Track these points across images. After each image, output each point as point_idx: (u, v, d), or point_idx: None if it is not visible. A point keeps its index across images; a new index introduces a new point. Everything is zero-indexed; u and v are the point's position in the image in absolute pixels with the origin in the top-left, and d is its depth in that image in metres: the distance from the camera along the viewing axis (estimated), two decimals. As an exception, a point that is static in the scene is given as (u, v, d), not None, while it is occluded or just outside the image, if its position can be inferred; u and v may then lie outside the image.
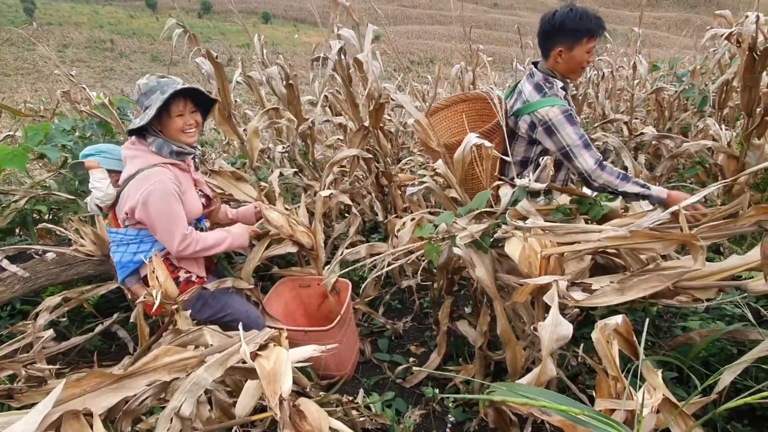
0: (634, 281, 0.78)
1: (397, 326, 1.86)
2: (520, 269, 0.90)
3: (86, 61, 31.52)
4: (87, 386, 0.63)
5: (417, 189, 1.30)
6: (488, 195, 1.04)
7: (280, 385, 0.63)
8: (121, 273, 1.29)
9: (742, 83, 1.53)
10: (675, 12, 63.74)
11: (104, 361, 1.67)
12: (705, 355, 1.19)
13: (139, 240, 1.25)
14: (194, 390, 0.65)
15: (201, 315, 1.33)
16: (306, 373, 1.40)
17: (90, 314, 1.80)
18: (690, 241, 0.72)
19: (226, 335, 0.81)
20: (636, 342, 0.72)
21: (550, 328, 0.77)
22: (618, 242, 0.78)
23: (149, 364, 0.68)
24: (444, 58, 27.02)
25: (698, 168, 2.33)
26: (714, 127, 1.86)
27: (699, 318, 1.38)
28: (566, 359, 1.31)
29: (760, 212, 0.70)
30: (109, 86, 21.70)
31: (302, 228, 1.59)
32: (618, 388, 0.69)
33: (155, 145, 1.21)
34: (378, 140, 1.90)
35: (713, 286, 0.79)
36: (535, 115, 1.26)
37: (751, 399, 0.42)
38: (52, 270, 1.57)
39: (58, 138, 1.99)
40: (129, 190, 1.21)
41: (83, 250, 1.57)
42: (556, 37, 1.23)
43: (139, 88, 1.21)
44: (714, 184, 0.82)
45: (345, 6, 1.68)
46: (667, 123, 2.66)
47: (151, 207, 1.17)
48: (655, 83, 2.49)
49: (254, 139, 1.91)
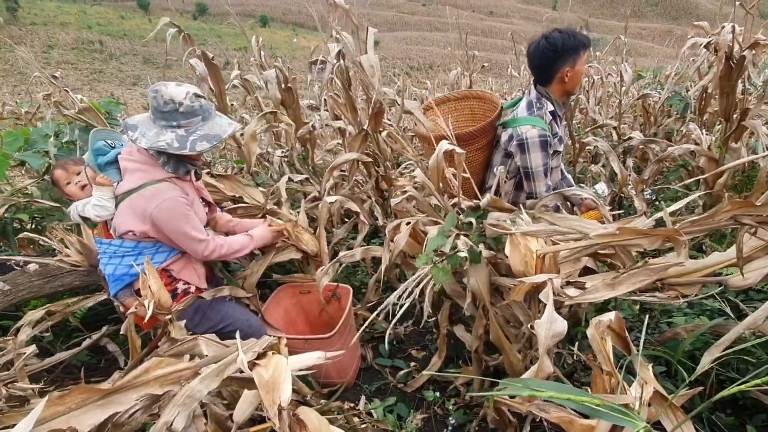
0: (624, 276, 0.83)
1: (398, 331, 1.87)
2: (516, 269, 0.94)
3: (73, 63, 30.66)
4: (72, 403, 0.59)
5: (399, 199, 1.34)
6: (454, 215, 1.09)
7: (279, 395, 0.62)
8: (114, 286, 1.23)
9: (719, 90, 1.62)
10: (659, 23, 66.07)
11: (93, 377, 1.59)
12: (691, 349, 1.25)
13: (137, 252, 1.20)
14: (188, 403, 0.62)
15: (200, 328, 1.28)
16: (307, 381, 1.39)
17: (76, 328, 1.72)
18: (673, 236, 0.77)
19: (222, 344, 0.78)
20: (628, 338, 0.77)
21: (546, 325, 0.80)
22: (608, 239, 0.83)
23: (140, 378, 0.65)
24: (443, 64, 27.29)
25: (682, 170, 2.44)
26: (695, 131, 1.95)
27: (683, 314, 1.44)
28: (562, 357, 1.35)
29: (735, 207, 0.75)
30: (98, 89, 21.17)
31: (308, 236, 1.58)
32: (612, 383, 0.73)
33: (171, 165, 1.17)
34: (378, 144, 1.93)
35: (696, 282, 0.85)
36: (516, 129, 1.32)
37: (738, 389, 0.45)
38: (34, 282, 1.49)
39: (40, 143, 1.91)
40: (133, 207, 1.15)
41: (69, 260, 1.49)
42: (560, 60, 1.27)
43: (174, 101, 1.09)
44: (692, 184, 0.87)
45: (345, 9, 1.71)
46: (652, 128, 2.78)
47: (166, 225, 1.14)
48: (641, 90, 2.61)
49: (252, 143, 1.91)
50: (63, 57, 31.44)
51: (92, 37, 37.21)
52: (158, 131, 1.12)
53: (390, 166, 2.09)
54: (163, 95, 1.10)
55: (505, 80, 6.51)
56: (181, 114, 1.11)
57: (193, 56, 1.83)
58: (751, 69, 1.46)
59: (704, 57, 1.76)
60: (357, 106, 1.94)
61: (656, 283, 0.84)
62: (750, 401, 1.17)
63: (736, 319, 1.14)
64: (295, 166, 2.34)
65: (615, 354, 0.76)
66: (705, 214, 0.78)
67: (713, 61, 1.53)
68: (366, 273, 2.27)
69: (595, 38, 27.41)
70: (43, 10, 45.42)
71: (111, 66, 31.85)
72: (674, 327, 1.29)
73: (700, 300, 1.34)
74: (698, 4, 74.97)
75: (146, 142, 1.11)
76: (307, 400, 1.21)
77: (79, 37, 36.74)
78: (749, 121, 1.59)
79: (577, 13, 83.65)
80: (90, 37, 37.11)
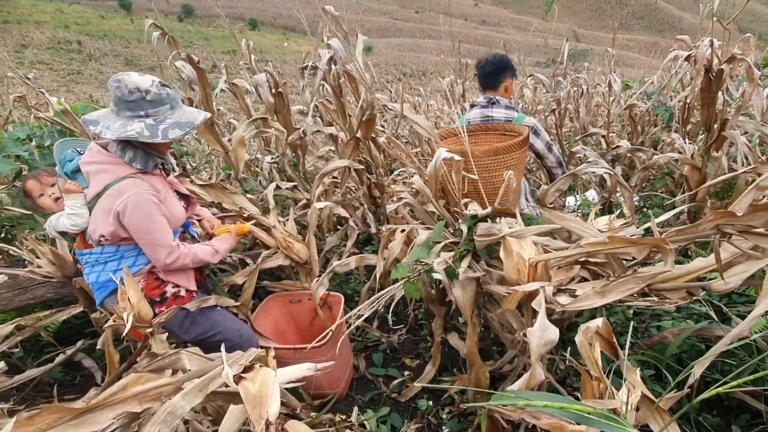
0: (613, 284, 0.84)
1: (392, 339, 1.85)
2: (509, 277, 0.95)
3: (48, 63, 29.49)
4: (42, 423, 0.56)
5: (395, 205, 1.35)
6: (443, 225, 1.10)
7: (267, 409, 0.60)
8: (99, 294, 1.19)
9: (700, 102, 1.68)
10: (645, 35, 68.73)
11: (67, 394, 1.52)
12: (678, 352, 1.27)
13: (119, 256, 1.16)
14: (169, 420, 0.60)
15: (189, 334, 1.25)
16: (297, 393, 1.36)
17: (49, 343, 1.63)
18: (661, 245, 0.79)
19: (207, 358, 0.75)
20: (616, 343, 0.78)
21: (538, 333, 0.81)
22: (598, 248, 0.84)
23: (117, 395, 0.62)
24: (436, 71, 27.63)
25: (667, 178, 2.53)
26: (679, 141, 2.03)
27: (671, 318, 1.48)
28: (555, 363, 1.36)
29: (718, 216, 0.78)
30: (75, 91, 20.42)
31: (297, 243, 1.56)
32: (601, 388, 0.73)
33: (137, 159, 1.11)
34: (370, 151, 1.92)
35: (682, 287, 0.87)
36: (524, 124, 1.61)
37: (722, 389, 0.47)
38: (3, 295, 1.42)
39: (12, 148, 1.81)
40: (100, 210, 1.09)
41: (40, 271, 1.42)
42: (506, 72, 1.68)
43: (139, 89, 1.05)
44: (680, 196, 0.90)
45: (334, 16, 1.71)
46: (639, 137, 2.87)
47: (129, 222, 1.08)
48: (629, 100, 2.70)
49: (240, 149, 1.88)
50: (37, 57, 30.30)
51: (70, 37, 36.05)
52: (124, 122, 1.06)
53: (383, 173, 2.09)
54: (128, 84, 1.05)
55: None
56: (148, 102, 1.07)
57: (178, 59, 1.79)
58: (729, 82, 1.53)
59: (686, 69, 1.84)
60: (349, 113, 1.94)
61: (644, 289, 0.86)
62: (735, 402, 1.20)
63: (719, 322, 1.17)
64: (285, 172, 2.31)
65: (606, 359, 0.77)
66: (690, 225, 0.80)
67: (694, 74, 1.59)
68: (359, 281, 2.25)
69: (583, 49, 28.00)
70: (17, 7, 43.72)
71: (90, 67, 30.89)
72: (662, 331, 1.32)
73: (687, 304, 1.38)
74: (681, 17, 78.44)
75: (112, 133, 1.05)
76: (297, 413, 1.18)
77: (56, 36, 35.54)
78: (729, 131, 1.66)
79: (566, 24, 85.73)
80: (67, 37, 35.94)
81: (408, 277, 1.02)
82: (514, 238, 0.96)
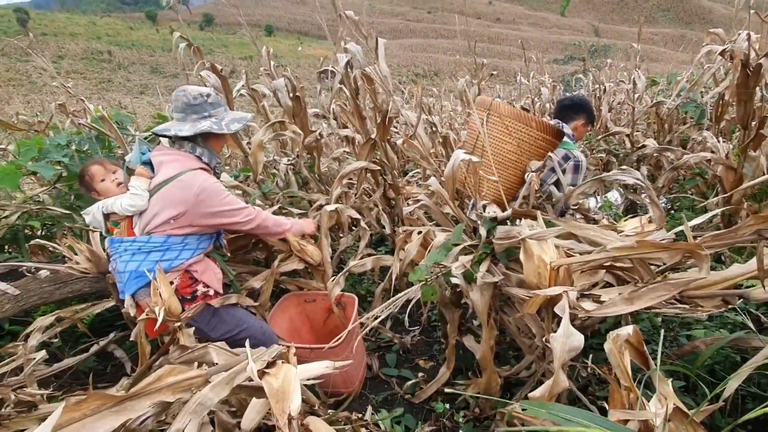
0: (642, 291, 0.80)
1: (405, 340, 1.84)
2: (529, 281, 0.93)
3: (82, 73, 31.37)
4: (87, 410, 0.60)
5: (412, 207, 1.34)
6: (462, 228, 1.08)
7: (289, 404, 0.62)
8: (135, 283, 1.23)
9: (736, 98, 1.58)
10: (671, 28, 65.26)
11: (99, 383, 1.58)
12: (710, 363, 1.20)
13: (166, 248, 1.22)
14: (199, 410, 0.63)
15: (216, 332, 1.30)
16: (313, 391, 1.38)
17: (84, 334, 1.72)
18: (695, 250, 0.75)
19: (232, 353, 0.79)
20: (646, 352, 0.74)
21: (562, 339, 0.78)
22: (626, 252, 0.81)
23: (153, 385, 0.65)
24: (449, 71, 27.35)
25: (698, 179, 2.39)
26: (711, 139, 1.91)
27: (703, 327, 1.39)
28: (576, 370, 1.32)
29: (759, 221, 0.73)
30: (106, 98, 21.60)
31: (312, 247, 1.59)
32: (631, 399, 0.70)
33: (205, 155, 1.30)
34: (386, 153, 1.93)
35: (718, 295, 0.82)
36: (570, 152, 1.59)
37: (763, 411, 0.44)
38: (45, 288, 1.50)
39: (53, 153, 1.92)
40: (169, 194, 1.21)
41: (78, 267, 1.51)
42: (582, 113, 1.69)
43: (202, 95, 1.27)
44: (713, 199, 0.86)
45: (354, 20, 1.73)
46: (667, 136, 2.72)
47: (211, 202, 1.24)
48: (655, 97, 2.57)
49: (259, 153, 1.92)
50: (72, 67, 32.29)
51: (101, 48, 38.01)
52: (193, 123, 1.27)
53: (397, 175, 2.09)
54: (191, 92, 1.28)
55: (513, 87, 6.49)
56: (210, 104, 1.29)
57: (203, 68, 1.87)
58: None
59: (719, 64, 1.74)
60: (365, 115, 1.95)
61: (675, 296, 0.82)
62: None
63: (757, 333, 1.09)
64: (301, 174, 2.36)
65: (633, 367, 0.73)
66: (728, 229, 0.76)
67: (729, 68, 1.50)
68: (372, 281, 2.25)
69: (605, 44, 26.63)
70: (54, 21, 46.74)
71: (119, 75, 32.59)
72: (693, 340, 1.25)
73: (721, 312, 1.30)
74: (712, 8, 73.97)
75: (187, 131, 1.25)
76: (315, 409, 1.20)
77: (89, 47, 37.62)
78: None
79: (586, 19, 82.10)
80: (99, 48, 37.92)
81: (426, 279, 1.02)
82: (534, 240, 0.93)
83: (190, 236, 1.26)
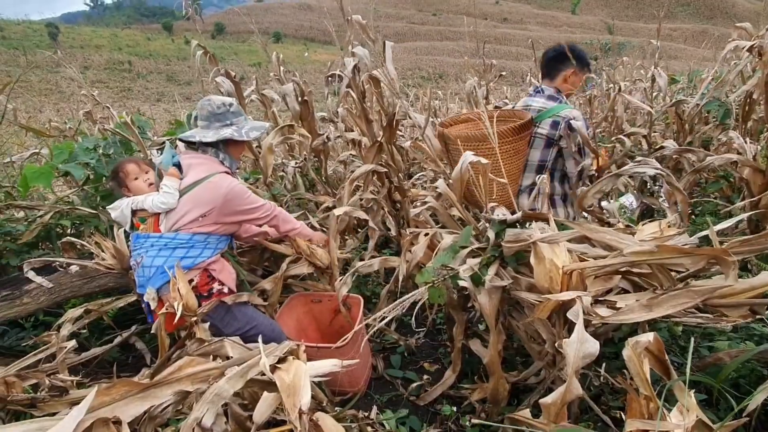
0: (663, 297, 0.76)
1: (410, 342, 1.83)
2: (540, 285, 0.89)
3: (106, 82, 32.88)
4: (116, 395, 0.65)
5: (419, 209, 1.33)
6: (470, 230, 1.06)
7: (300, 399, 0.63)
8: (160, 279, 1.27)
9: (765, 96, 1.50)
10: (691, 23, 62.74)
11: (122, 372, 1.68)
12: (735, 377, 1.13)
13: (190, 245, 1.29)
14: (216, 401, 0.66)
15: (229, 328, 1.35)
16: (320, 389, 1.37)
17: (108, 326, 1.83)
18: (722, 256, 0.70)
19: (246, 347, 0.82)
20: (667, 361, 0.70)
21: (576, 345, 0.75)
22: (644, 257, 0.77)
23: (174, 374, 0.70)
24: (454, 73, 27.20)
25: (722, 182, 2.25)
26: (738, 140, 1.80)
27: (727, 338, 1.32)
28: (588, 379, 1.27)
29: None
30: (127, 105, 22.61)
31: (321, 251, 1.62)
32: (651, 409, 0.66)
33: (227, 160, 1.41)
34: (392, 155, 1.93)
35: (745, 304, 0.77)
36: (557, 115, 1.43)
37: None
38: (75, 282, 1.62)
39: (82, 156, 2.07)
40: (198, 195, 1.30)
41: (104, 263, 1.62)
42: (568, 60, 1.45)
43: (225, 104, 1.37)
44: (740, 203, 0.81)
45: (362, 24, 1.74)
46: (687, 136, 2.60)
47: (238, 202, 1.35)
48: (674, 96, 2.45)
49: (269, 156, 1.96)
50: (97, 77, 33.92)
51: (122, 58, 39.76)
52: (216, 131, 1.36)
53: (402, 177, 2.08)
54: (215, 101, 1.38)
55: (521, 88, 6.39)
56: (232, 113, 1.39)
57: (217, 75, 1.93)
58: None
59: (746, 60, 1.65)
60: (371, 118, 1.96)
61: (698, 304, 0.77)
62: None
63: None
64: (308, 176, 2.38)
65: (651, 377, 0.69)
66: (758, 235, 0.71)
67: (757, 65, 1.42)
68: (377, 283, 2.24)
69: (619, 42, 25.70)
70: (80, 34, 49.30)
71: (138, 84, 34.02)
72: (716, 352, 1.18)
73: (747, 323, 1.22)
74: (735, 2, 70.89)
75: (210, 138, 1.34)
76: (323, 406, 1.20)
77: (111, 58, 39.42)
78: (798, 127, 1.47)
79: (598, 16, 79.80)
80: (120, 58, 39.68)
81: (432, 282, 1.00)
82: (545, 243, 0.90)
83: (212, 235, 1.34)
